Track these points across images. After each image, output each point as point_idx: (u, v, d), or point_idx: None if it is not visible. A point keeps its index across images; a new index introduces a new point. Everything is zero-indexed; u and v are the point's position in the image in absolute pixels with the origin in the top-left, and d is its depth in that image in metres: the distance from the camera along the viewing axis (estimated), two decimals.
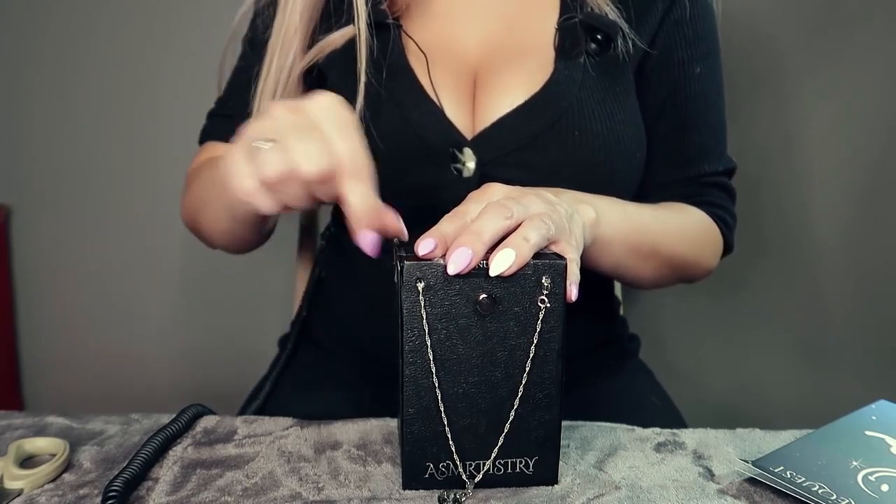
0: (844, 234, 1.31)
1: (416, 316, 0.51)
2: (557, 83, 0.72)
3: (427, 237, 0.51)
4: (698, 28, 0.77)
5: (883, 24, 1.23)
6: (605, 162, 0.72)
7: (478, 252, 0.50)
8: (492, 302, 0.51)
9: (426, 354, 0.52)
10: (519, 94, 0.72)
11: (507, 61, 0.74)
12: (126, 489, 0.52)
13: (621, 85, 0.75)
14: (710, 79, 0.79)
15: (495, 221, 0.51)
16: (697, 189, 0.80)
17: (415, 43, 0.74)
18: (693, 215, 0.79)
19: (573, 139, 0.71)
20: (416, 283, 0.51)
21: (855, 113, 1.26)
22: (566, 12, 0.74)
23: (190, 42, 1.29)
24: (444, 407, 0.52)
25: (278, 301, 1.37)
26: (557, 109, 0.71)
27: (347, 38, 0.74)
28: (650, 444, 0.62)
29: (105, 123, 1.32)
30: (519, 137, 0.71)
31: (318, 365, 0.85)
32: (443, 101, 0.72)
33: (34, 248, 1.36)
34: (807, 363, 1.36)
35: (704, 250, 0.79)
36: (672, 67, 0.77)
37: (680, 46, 0.76)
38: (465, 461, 0.54)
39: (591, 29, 0.72)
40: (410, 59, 0.74)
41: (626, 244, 0.68)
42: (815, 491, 0.53)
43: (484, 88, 0.74)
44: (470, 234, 0.51)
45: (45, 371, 1.41)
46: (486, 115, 0.72)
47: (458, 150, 0.71)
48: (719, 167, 0.81)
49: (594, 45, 0.72)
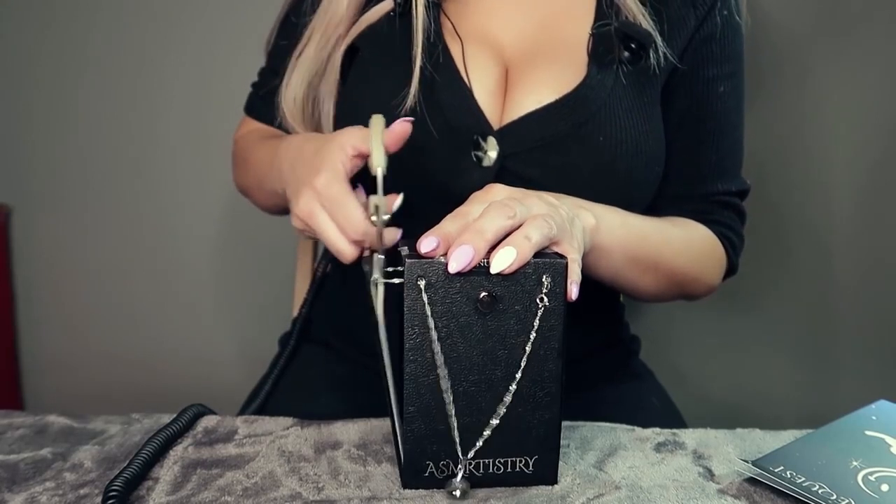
0: (844, 235, 1.31)
1: (416, 314, 0.51)
2: (589, 87, 0.72)
3: (429, 235, 0.52)
4: (726, 47, 0.77)
5: (883, 24, 1.23)
6: (625, 170, 0.72)
7: (479, 250, 0.50)
8: (492, 300, 0.51)
9: (426, 352, 0.52)
10: (549, 92, 0.72)
11: (540, 59, 0.74)
12: (126, 489, 0.52)
13: (649, 96, 0.75)
14: (733, 99, 0.79)
15: (498, 220, 0.52)
16: (708, 207, 0.80)
17: (453, 26, 0.74)
18: (698, 232, 0.79)
19: (597, 144, 0.71)
20: (417, 281, 0.51)
21: (855, 114, 1.26)
22: (601, 18, 0.74)
23: (190, 42, 1.30)
24: (445, 405, 0.52)
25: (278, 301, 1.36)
26: (585, 112, 0.71)
27: (384, 12, 0.74)
28: (650, 444, 0.62)
29: (105, 123, 1.32)
30: (544, 135, 0.71)
31: (318, 364, 0.85)
32: (474, 87, 0.72)
33: (34, 248, 1.36)
34: (807, 363, 1.36)
35: (706, 267, 0.79)
36: (697, 83, 0.77)
37: (707, 64, 0.77)
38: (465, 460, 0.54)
39: (625, 37, 0.72)
40: (448, 40, 0.74)
41: (625, 253, 0.68)
42: (815, 491, 0.53)
43: (515, 82, 0.74)
44: (472, 232, 0.51)
45: (45, 371, 1.41)
46: (515, 109, 0.72)
47: (483, 139, 0.72)
48: (732, 187, 0.80)
49: (627, 54, 0.72)
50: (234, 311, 1.39)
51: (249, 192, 0.87)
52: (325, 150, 0.62)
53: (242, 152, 0.86)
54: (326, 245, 0.61)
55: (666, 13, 0.74)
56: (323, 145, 0.63)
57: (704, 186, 0.79)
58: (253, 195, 0.86)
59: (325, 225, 0.60)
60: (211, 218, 1.35)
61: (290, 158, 0.68)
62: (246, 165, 0.84)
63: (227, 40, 1.28)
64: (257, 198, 0.85)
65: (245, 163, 0.84)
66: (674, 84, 0.77)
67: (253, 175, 0.82)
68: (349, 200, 0.59)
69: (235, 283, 1.37)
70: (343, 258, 0.60)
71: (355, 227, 0.58)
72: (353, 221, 0.58)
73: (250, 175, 0.83)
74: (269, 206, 0.85)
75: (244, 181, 0.87)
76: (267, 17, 0.87)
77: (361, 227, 0.58)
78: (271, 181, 0.73)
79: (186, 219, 1.35)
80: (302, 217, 0.61)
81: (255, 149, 0.82)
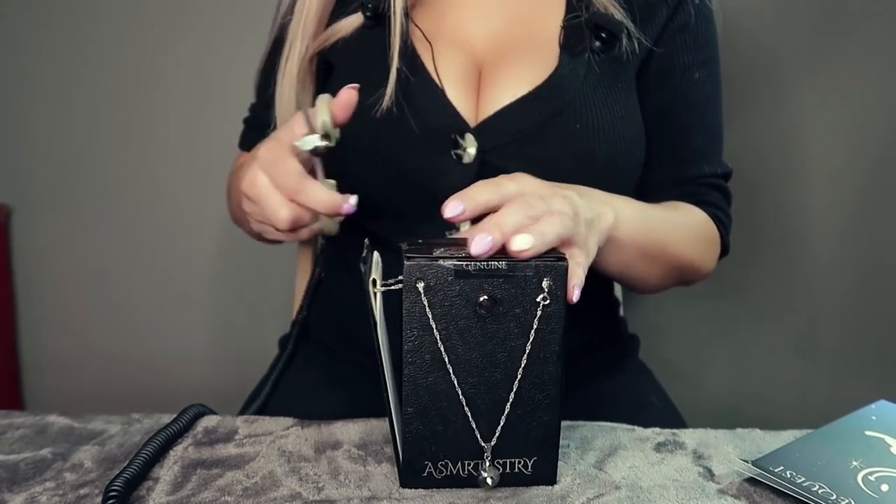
0: (844, 235, 1.31)
1: (415, 316, 0.51)
2: (561, 76, 0.73)
3: (456, 199, 0.53)
4: (699, 36, 0.78)
5: (883, 25, 1.23)
6: (606, 157, 0.73)
7: (496, 241, 0.51)
8: (493, 303, 0.51)
9: (425, 354, 0.52)
10: (523, 86, 0.73)
11: (512, 55, 0.75)
12: (127, 489, 0.52)
13: (623, 83, 0.75)
14: (710, 85, 0.80)
15: (518, 216, 0.53)
16: (695, 189, 0.81)
17: (421, 31, 0.75)
18: (697, 216, 0.79)
19: (574, 132, 0.72)
20: (416, 283, 0.51)
21: (854, 114, 1.26)
22: (571, 11, 0.75)
23: (190, 43, 1.30)
24: (443, 407, 0.53)
25: (278, 301, 1.37)
26: (560, 102, 0.72)
27: (356, 26, 0.76)
28: (650, 444, 0.62)
29: (105, 123, 1.32)
30: (521, 127, 0.72)
31: (318, 365, 0.85)
32: (447, 89, 0.73)
33: (34, 248, 1.36)
34: (807, 363, 1.36)
35: (707, 252, 0.80)
36: (673, 72, 0.78)
37: (682, 52, 0.78)
38: (463, 461, 0.54)
39: (595, 28, 0.74)
40: (417, 46, 0.75)
41: (638, 248, 0.69)
42: (815, 491, 0.53)
43: (489, 80, 0.75)
44: (492, 223, 0.52)
45: (45, 371, 1.41)
46: (490, 105, 0.73)
47: (460, 136, 0.72)
48: (718, 170, 0.82)
49: (598, 43, 0.74)
50: (234, 311, 1.39)
51: (239, 223, 0.86)
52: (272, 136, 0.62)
53: (233, 184, 0.86)
54: (265, 213, 0.58)
55: (636, 3, 0.75)
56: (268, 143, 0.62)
57: (691, 170, 0.80)
58: (243, 226, 0.84)
59: (263, 188, 0.58)
60: (211, 218, 1.35)
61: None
62: (232, 195, 0.85)
63: (227, 41, 1.28)
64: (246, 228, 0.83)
65: (233, 193, 0.85)
66: (650, 74, 0.77)
67: (235, 202, 0.82)
68: (286, 157, 0.58)
69: (235, 283, 1.37)
70: (278, 220, 0.58)
71: (289, 177, 0.57)
72: (288, 173, 0.57)
73: (233, 203, 0.84)
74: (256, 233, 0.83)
75: (232, 212, 0.88)
76: (267, 17, 0.86)
77: (294, 177, 0.56)
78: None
79: (186, 219, 1.35)
80: (245, 190, 0.59)
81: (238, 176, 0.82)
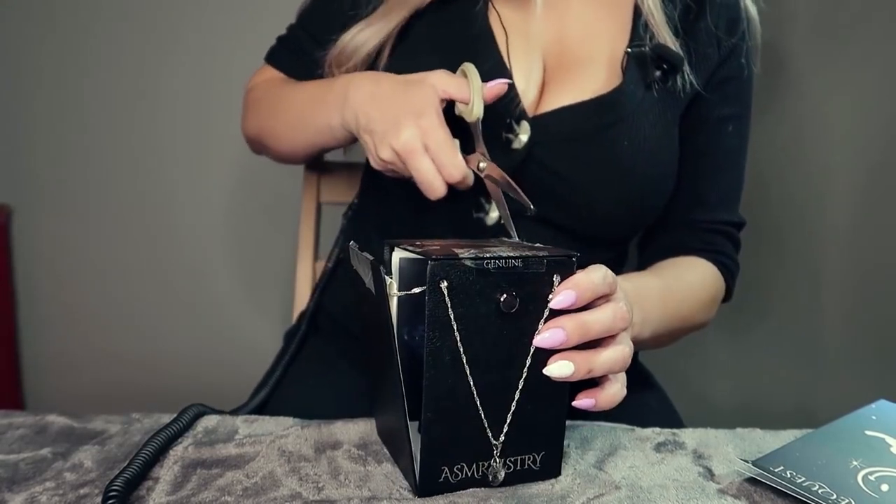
0: (845, 235, 1.31)
1: (438, 317, 0.50)
2: (621, 93, 0.75)
3: (567, 289, 0.51)
4: (741, 90, 0.81)
5: (883, 25, 1.23)
6: (644, 178, 0.75)
7: (572, 342, 0.51)
8: (514, 300, 0.51)
9: (445, 356, 0.50)
10: (585, 93, 0.75)
11: (577, 64, 0.77)
12: (127, 489, 0.52)
13: (672, 115, 0.78)
14: (740, 138, 0.83)
15: (608, 324, 0.53)
16: (710, 236, 0.83)
17: (499, 17, 0.77)
18: (707, 277, 0.81)
19: (621, 148, 0.74)
20: (440, 283, 0.49)
21: (856, 115, 1.26)
22: (637, 38, 0.77)
23: (191, 41, 1.30)
24: (460, 408, 0.52)
25: (279, 301, 1.37)
26: (615, 116, 0.74)
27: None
28: (650, 443, 0.62)
29: (106, 123, 1.32)
30: (575, 129, 0.74)
31: (322, 360, 0.86)
32: (514, 75, 0.75)
33: (35, 247, 1.36)
34: (807, 363, 1.36)
35: (713, 309, 0.83)
36: (709, 120, 0.80)
37: (721, 102, 0.80)
38: (477, 462, 0.53)
39: (658, 59, 0.76)
40: (494, 28, 0.77)
41: (654, 339, 0.72)
42: (815, 491, 0.53)
43: (553, 79, 0.77)
44: (580, 323, 0.52)
45: (45, 371, 1.41)
46: (550, 102, 0.75)
47: (516, 122, 0.74)
48: (734, 219, 0.84)
49: (659, 73, 0.76)
50: (235, 310, 1.39)
51: (271, 135, 0.85)
52: (419, 92, 0.66)
53: (267, 96, 0.85)
54: (417, 180, 0.66)
55: (693, 47, 0.78)
56: (412, 86, 0.67)
57: (708, 214, 0.83)
58: (275, 138, 0.84)
59: (424, 163, 0.65)
60: (211, 218, 1.35)
61: (365, 93, 0.70)
62: (274, 108, 0.84)
63: (228, 40, 1.29)
64: (281, 141, 0.84)
65: (273, 106, 0.84)
66: (691, 115, 0.80)
67: (289, 115, 0.81)
68: (454, 145, 0.65)
69: (235, 282, 1.38)
70: (436, 194, 0.66)
71: (460, 169, 0.65)
72: (458, 165, 0.65)
73: (281, 117, 0.82)
74: (294, 149, 0.83)
75: (265, 124, 0.85)
76: (267, 17, 0.87)
77: (463, 169, 0.65)
78: (326, 115, 0.74)
79: (187, 219, 1.35)
80: (400, 151, 0.65)
81: (293, 89, 0.82)
